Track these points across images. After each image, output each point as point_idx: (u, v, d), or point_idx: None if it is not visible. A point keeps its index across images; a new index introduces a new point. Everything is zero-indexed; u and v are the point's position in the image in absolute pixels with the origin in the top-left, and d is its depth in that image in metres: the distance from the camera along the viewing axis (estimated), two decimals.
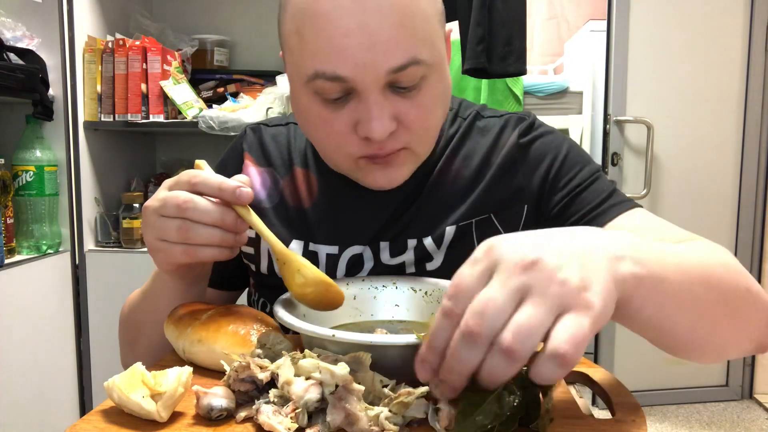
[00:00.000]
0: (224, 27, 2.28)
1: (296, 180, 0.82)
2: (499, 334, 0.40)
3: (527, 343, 0.39)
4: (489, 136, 0.80)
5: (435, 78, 0.66)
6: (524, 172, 0.78)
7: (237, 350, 0.56)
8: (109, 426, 0.48)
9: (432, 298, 0.71)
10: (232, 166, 0.86)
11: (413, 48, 0.62)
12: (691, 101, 2.45)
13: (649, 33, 2.39)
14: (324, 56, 0.61)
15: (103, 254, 1.96)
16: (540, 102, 2.55)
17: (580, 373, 0.59)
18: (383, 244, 0.77)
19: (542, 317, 0.40)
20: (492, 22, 1.75)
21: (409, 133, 0.66)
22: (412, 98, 0.65)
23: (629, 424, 0.48)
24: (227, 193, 0.60)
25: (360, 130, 0.64)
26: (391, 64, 0.61)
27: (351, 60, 0.60)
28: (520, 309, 0.40)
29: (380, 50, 0.60)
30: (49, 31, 1.81)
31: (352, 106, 0.64)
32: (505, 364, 0.40)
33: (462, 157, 0.80)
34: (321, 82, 0.62)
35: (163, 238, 0.61)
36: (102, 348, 1.96)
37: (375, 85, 0.62)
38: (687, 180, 2.49)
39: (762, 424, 2.38)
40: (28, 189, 1.78)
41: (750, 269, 2.53)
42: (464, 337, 0.41)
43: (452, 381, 0.43)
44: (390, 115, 0.63)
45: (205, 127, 1.86)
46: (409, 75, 0.62)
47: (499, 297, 0.41)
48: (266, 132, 0.87)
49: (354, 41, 0.60)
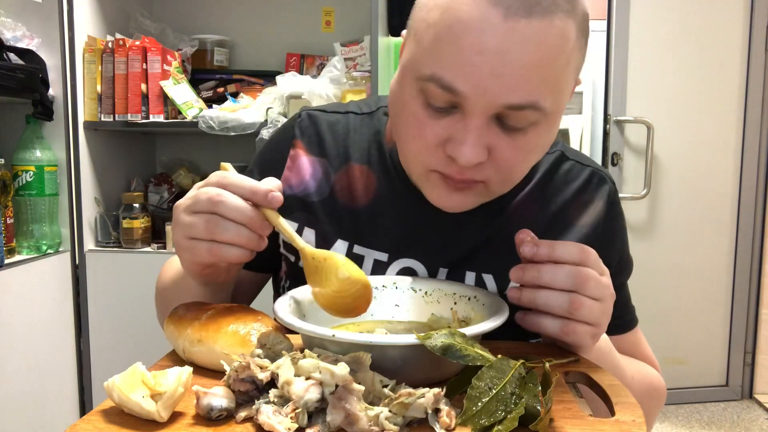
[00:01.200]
0: (224, 27, 2.28)
1: (352, 176, 0.77)
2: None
3: (589, 315, 0.59)
4: (572, 185, 0.77)
5: (545, 127, 0.62)
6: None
7: (237, 350, 0.56)
8: (109, 426, 0.48)
9: (432, 298, 0.71)
10: (279, 151, 0.81)
11: (539, 93, 0.58)
12: (691, 101, 2.45)
13: (649, 33, 2.39)
14: (448, 64, 0.58)
15: (103, 254, 1.96)
16: None
17: (580, 373, 0.59)
18: (442, 270, 0.75)
19: (601, 311, 0.60)
20: None
21: (494, 170, 0.63)
22: (515, 139, 0.61)
23: (629, 424, 0.48)
24: (259, 195, 0.60)
25: (449, 147, 0.61)
26: (512, 100, 0.57)
27: (474, 78, 0.57)
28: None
29: (507, 82, 0.56)
30: (49, 31, 1.81)
31: (452, 121, 0.60)
32: (560, 305, 0.59)
33: (542, 199, 0.76)
34: (433, 86, 0.59)
35: (191, 235, 0.61)
36: (102, 348, 1.96)
37: (484, 112, 0.58)
38: (687, 180, 2.49)
39: (762, 424, 2.38)
40: (28, 189, 1.78)
41: (750, 269, 2.55)
42: (570, 277, 0.58)
43: (526, 294, 0.60)
44: (485, 145, 0.60)
45: (205, 127, 1.86)
46: (522, 116, 0.59)
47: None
48: (323, 119, 0.81)
49: (485, 61, 0.56)
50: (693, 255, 2.53)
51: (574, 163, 0.78)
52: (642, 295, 2.31)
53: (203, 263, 0.64)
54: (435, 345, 0.50)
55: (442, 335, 0.50)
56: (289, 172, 0.79)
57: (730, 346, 2.59)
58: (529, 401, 0.46)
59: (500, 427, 0.44)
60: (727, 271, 2.55)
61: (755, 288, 2.56)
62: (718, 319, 2.57)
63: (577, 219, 0.76)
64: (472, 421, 0.45)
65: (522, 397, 0.47)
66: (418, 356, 0.53)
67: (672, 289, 2.54)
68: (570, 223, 0.76)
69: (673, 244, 2.51)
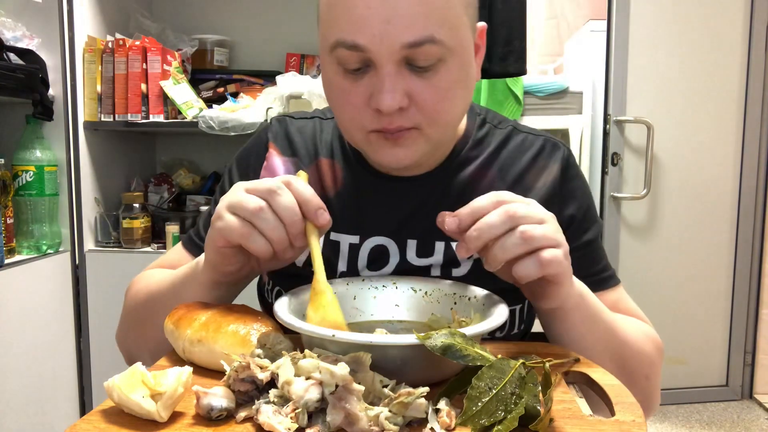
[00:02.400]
0: (224, 27, 2.28)
1: (321, 170, 0.83)
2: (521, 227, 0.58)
3: (544, 238, 0.58)
4: (527, 154, 0.82)
5: (454, 63, 0.67)
6: (558, 207, 0.79)
7: (237, 350, 0.56)
8: (109, 426, 0.48)
9: (432, 299, 0.71)
10: (255, 154, 0.87)
11: (430, 26, 0.63)
12: (691, 101, 2.45)
13: (649, 33, 2.39)
14: (345, 25, 0.64)
15: (103, 254, 1.96)
16: (540, 102, 2.55)
17: (580, 373, 0.59)
18: (410, 242, 0.78)
19: (553, 229, 0.60)
20: (492, 22, 1.75)
21: (420, 113, 0.67)
22: (428, 79, 0.66)
23: (629, 424, 0.48)
24: (311, 205, 0.62)
25: (372, 101, 0.66)
26: (407, 38, 0.63)
27: (369, 30, 0.63)
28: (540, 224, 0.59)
29: (397, 23, 0.62)
30: (49, 31, 1.81)
31: (369, 79, 0.66)
32: (517, 244, 0.58)
33: (498, 168, 0.81)
34: (341, 50, 0.65)
35: (234, 210, 0.62)
36: (102, 348, 1.96)
37: (390, 58, 0.64)
38: (687, 180, 2.49)
39: (762, 424, 2.38)
40: (28, 189, 1.78)
41: (750, 269, 2.54)
42: (504, 218, 0.58)
43: (471, 243, 0.59)
44: (402, 90, 0.65)
45: (205, 127, 1.86)
46: (424, 53, 0.64)
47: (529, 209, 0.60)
48: (292, 123, 0.88)
49: (373, 12, 0.62)
50: (693, 255, 2.52)
51: (526, 135, 0.84)
52: (642, 294, 2.32)
53: (228, 240, 0.63)
54: (435, 345, 0.50)
55: (442, 335, 0.50)
56: (265, 171, 0.85)
57: (730, 346, 2.59)
58: (529, 401, 0.46)
59: (500, 427, 0.44)
60: (727, 271, 2.55)
61: (755, 288, 2.56)
62: (718, 319, 2.57)
63: (534, 183, 0.81)
64: (472, 421, 0.45)
65: (522, 397, 0.47)
66: (418, 356, 0.53)
67: (672, 289, 2.54)
68: (529, 187, 0.80)
69: (673, 244, 2.51)
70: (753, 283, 2.56)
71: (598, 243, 0.84)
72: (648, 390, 0.74)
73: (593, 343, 0.69)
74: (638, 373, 0.73)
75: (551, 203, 0.77)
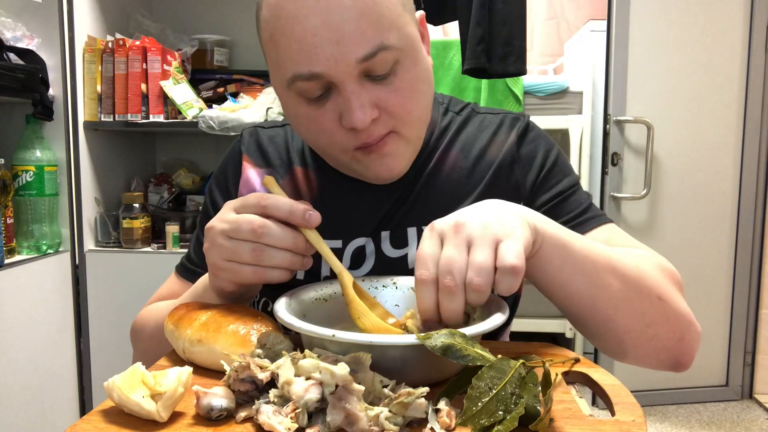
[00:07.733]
0: (224, 27, 2.28)
1: (296, 179, 0.84)
2: (466, 278, 0.53)
3: (486, 276, 0.53)
4: (487, 131, 0.83)
5: (408, 61, 0.67)
6: (520, 170, 0.81)
7: (237, 350, 0.56)
8: (109, 426, 0.48)
9: None
10: (231, 169, 0.88)
11: (379, 35, 0.64)
12: (691, 101, 2.45)
13: (649, 33, 2.39)
14: (297, 57, 0.64)
15: (103, 254, 1.96)
16: (540, 102, 2.55)
17: (580, 373, 0.59)
18: (384, 233, 0.79)
19: (487, 254, 0.54)
20: (492, 21, 1.75)
21: (392, 118, 0.68)
22: (389, 84, 0.67)
23: (629, 424, 0.48)
24: (297, 215, 0.62)
25: (344, 121, 0.66)
26: (360, 53, 0.63)
27: (321, 56, 0.63)
28: (471, 255, 0.54)
29: (347, 42, 0.63)
30: (49, 31, 1.81)
31: (334, 101, 0.67)
32: (477, 297, 0.54)
33: (459, 148, 0.82)
34: (300, 83, 0.65)
35: (233, 259, 0.62)
36: (102, 348, 1.96)
37: (349, 77, 0.64)
38: (687, 180, 2.49)
39: (762, 424, 2.38)
40: (28, 189, 1.78)
41: (750, 269, 2.54)
42: (446, 294, 0.54)
43: (451, 322, 0.55)
44: (369, 102, 0.66)
45: (205, 127, 1.86)
46: (380, 62, 0.65)
47: (454, 254, 0.54)
48: (263, 134, 0.89)
49: (321, 38, 0.63)
50: (693, 255, 2.52)
51: (485, 114, 0.86)
52: None
53: (244, 283, 0.65)
54: (435, 345, 0.50)
55: (442, 335, 0.50)
56: (243, 186, 0.86)
57: (730, 346, 2.59)
58: (529, 401, 0.46)
59: (500, 427, 0.44)
60: (727, 271, 2.55)
61: (755, 288, 2.56)
62: (718, 319, 2.57)
63: (496, 156, 0.82)
64: (472, 421, 0.45)
65: (522, 397, 0.47)
66: (418, 356, 0.53)
67: None
68: (492, 161, 0.81)
69: (673, 244, 2.50)
70: (753, 283, 2.56)
71: (574, 190, 0.81)
72: (669, 311, 0.65)
73: (586, 283, 0.62)
74: (650, 295, 0.64)
75: (511, 170, 0.80)
